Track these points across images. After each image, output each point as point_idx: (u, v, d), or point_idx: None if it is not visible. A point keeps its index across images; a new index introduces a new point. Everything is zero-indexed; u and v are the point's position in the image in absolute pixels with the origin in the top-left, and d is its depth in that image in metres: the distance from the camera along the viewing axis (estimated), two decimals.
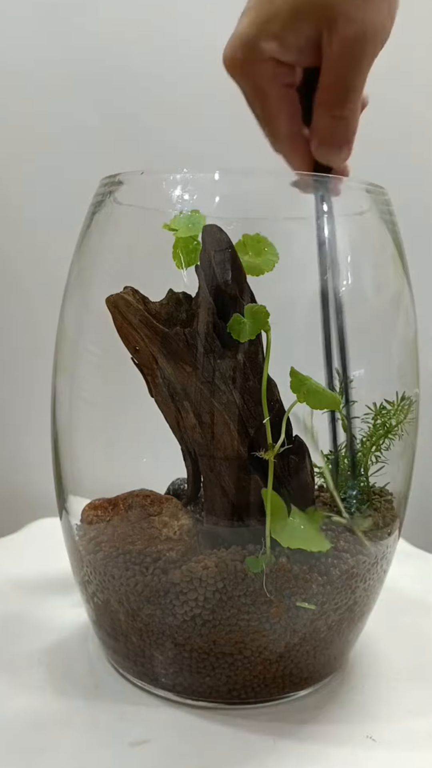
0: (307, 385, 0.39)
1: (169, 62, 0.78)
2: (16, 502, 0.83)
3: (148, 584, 0.40)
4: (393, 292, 0.46)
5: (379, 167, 0.45)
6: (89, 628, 0.49)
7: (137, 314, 0.40)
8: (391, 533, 0.45)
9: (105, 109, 0.78)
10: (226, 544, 0.40)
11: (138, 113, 0.79)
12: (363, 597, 0.43)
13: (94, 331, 0.45)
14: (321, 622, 0.41)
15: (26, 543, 0.70)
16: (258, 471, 0.40)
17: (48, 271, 0.77)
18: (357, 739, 0.39)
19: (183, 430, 0.41)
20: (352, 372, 0.43)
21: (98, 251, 0.44)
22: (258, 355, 0.40)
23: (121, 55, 0.78)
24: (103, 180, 0.44)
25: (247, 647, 0.40)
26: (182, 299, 0.41)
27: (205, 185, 0.42)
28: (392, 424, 0.44)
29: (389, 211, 0.45)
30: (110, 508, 0.43)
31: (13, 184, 0.79)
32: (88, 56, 0.77)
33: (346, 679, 0.46)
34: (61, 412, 0.46)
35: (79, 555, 0.44)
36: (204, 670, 0.41)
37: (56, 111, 0.78)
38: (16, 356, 0.82)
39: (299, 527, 0.39)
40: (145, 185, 0.44)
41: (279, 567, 0.39)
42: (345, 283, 0.43)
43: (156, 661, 0.42)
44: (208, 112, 0.75)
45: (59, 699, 0.42)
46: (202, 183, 0.42)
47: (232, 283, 0.39)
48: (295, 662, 0.42)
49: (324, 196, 0.42)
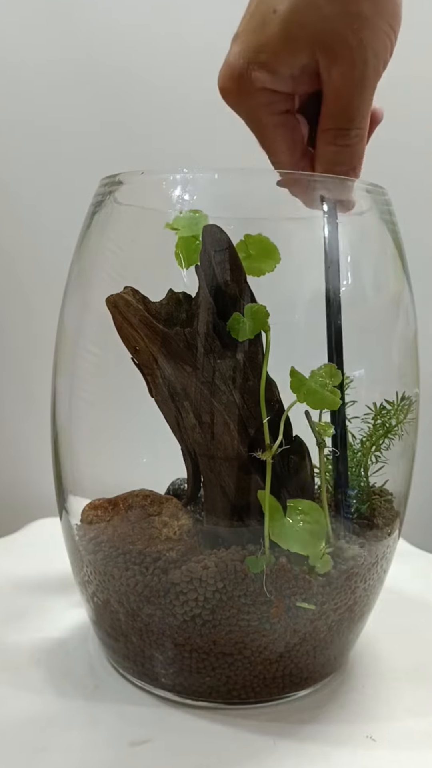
0: (307, 385, 0.39)
1: (169, 62, 0.78)
2: (16, 502, 0.83)
3: (148, 584, 0.40)
4: (393, 292, 0.46)
5: (380, 167, 0.45)
6: (89, 628, 0.49)
7: (137, 314, 0.40)
8: (391, 533, 0.45)
9: (105, 109, 0.78)
10: (226, 544, 0.40)
11: (138, 113, 0.79)
12: (363, 597, 0.43)
13: (94, 331, 0.45)
14: (321, 622, 0.41)
15: (26, 543, 0.70)
16: (258, 471, 0.40)
17: (48, 271, 0.77)
18: (357, 739, 0.39)
19: (183, 430, 0.41)
20: (353, 372, 0.43)
21: (98, 251, 0.44)
22: (258, 355, 0.40)
23: (121, 56, 0.78)
24: (103, 180, 0.44)
25: (247, 647, 0.40)
26: (182, 299, 0.41)
27: (204, 185, 0.42)
28: (392, 424, 0.44)
29: (389, 211, 0.45)
30: (110, 508, 0.43)
31: (14, 184, 0.79)
32: (88, 56, 0.77)
33: (346, 679, 0.46)
34: (61, 412, 0.46)
35: (79, 555, 0.44)
36: (204, 670, 0.41)
37: (56, 111, 0.78)
38: (16, 356, 0.82)
39: (296, 529, 0.39)
40: (145, 185, 0.44)
41: (279, 567, 0.39)
42: (345, 283, 0.43)
43: (156, 661, 0.42)
44: (209, 111, 0.75)
45: (59, 699, 0.42)
46: (202, 183, 0.42)
47: (232, 283, 0.39)
48: (295, 662, 0.42)
49: (323, 196, 0.42)
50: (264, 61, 0.37)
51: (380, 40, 0.37)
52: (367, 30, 0.36)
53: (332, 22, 0.36)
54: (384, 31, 0.37)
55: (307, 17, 0.36)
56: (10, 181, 0.79)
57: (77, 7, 0.77)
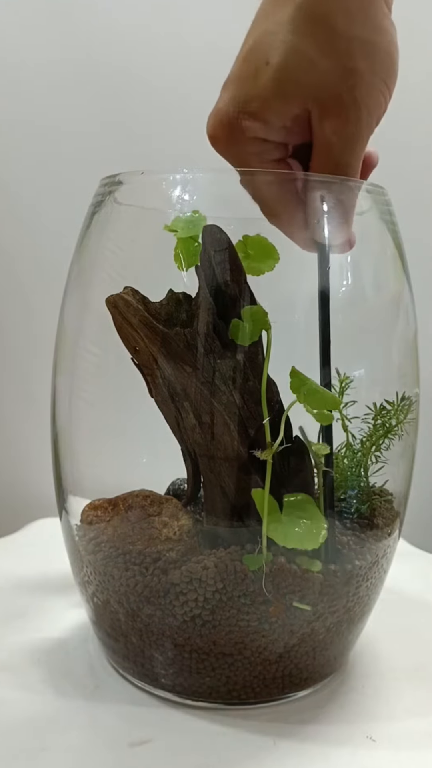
0: (307, 385, 0.39)
1: (169, 62, 0.78)
2: (16, 502, 0.83)
3: (148, 584, 0.40)
4: (393, 292, 0.46)
5: (380, 167, 0.45)
6: (89, 628, 0.49)
7: (137, 314, 0.40)
8: (391, 533, 0.45)
9: (105, 109, 0.78)
10: (226, 545, 0.40)
11: (138, 113, 0.79)
12: (363, 597, 0.43)
13: (94, 331, 0.45)
14: (320, 622, 0.41)
15: (26, 543, 0.70)
16: (258, 471, 0.40)
17: (48, 271, 0.77)
18: (357, 739, 0.39)
19: (183, 430, 0.41)
20: (353, 372, 0.43)
21: (98, 251, 0.44)
22: (258, 356, 0.40)
23: (121, 56, 0.78)
24: (103, 180, 0.44)
25: (247, 647, 0.40)
26: (182, 299, 0.41)
27: (204, 185, 0.42)
28: (392, 424, 0.44)
29: (389, 211, 0.45)
30: (110, 508, 0.43)
31: (14, 184, 0.79)
32: (88, 56, 0.77)
33: (346, 679, 0.46)
34: (61, 412, 0.46)
35: (79, 555, 0.44)
36: (204, 671, 0.41)
37: (56, 111, 0.78)
38: (16, 356, 0.82)
39: (294, 526, 0.39)
40: (144, 185, 0.44)
41: (278, 566, 0.39)
42: (345, 283, 0.43)
43: (156, 661, 0.42)
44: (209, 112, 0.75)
45: (59, 699, 0.42)
46: (202, 183, 0.42)
47: (232, 283, 0.39)
48: (294, 663, 0.42)
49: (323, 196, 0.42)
50: (255, 111, 0.36)
51: (374, 97, 0.36)
52: (362, 87, 0.35)
53: (327, 77, 0.35)
54: (379, 88, 0.36)
55: (301, 72, 0.35)
56: (10, 181, 0.79)
57: (77, 7, 0.77)
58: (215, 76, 0.41)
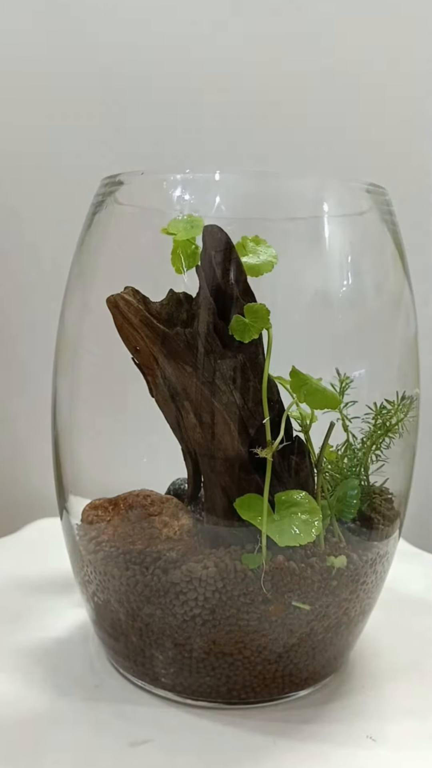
0: (307, 385, 0.39)
1: (169, 62, 0.78)
2: (16, 502, 0.83)
3: (148, 584, 0.40)
4: (393, 292, 0.46)
5: (380, 167, 0.45)
6: (89, 628, 0.49)
7: (138, 314, 0.40)
8: (391, 533, 0.45)
9: (105, 109, 0.78)
10: (226, 544, 0.40)
11: (138, 113, 0.79)
12: (363, 597, 0.43)
13: (94, 331, 0.45)
14: (320, 622, 0.41)
15: (26, 543, 0.70)
16: (258, 471, 0.40)
17: (48, 271, 0.77)
18: (357, 739, 0.39)
19: (183, 430, 0.41)
20: (353, 372, 0.43)
21: (99, 251, 0.44)
22: (258, 355, 0.40)
23: (121, 55, 0.78)
24: (103, 180, 0.44)
25: (247, 647, 0.40)
26: (183, 299, 0.41)
27: (205, 185, 0.42)
28: (392, 423, 0.44)
29: (390, 211, 0.45)
30: (110, 508, 0.43)
31: (13, 184, 0.79)
32: (89, 56, 0.77)
33: (346, 679, 0.46)
34: (61, 412, 0.46)
35: (79, 555, 0.44)
36: (204, 670, 0.41)
37: (57, 111, 0.78)
38: (16, 356, 0.82)
39: (290, 525, 0.39)
40: (145, 185, 0.44)
41: (277, 565, 0.39)
42: (345, 283, 0.43)
43: (156, 660, 0.42)
44: (209, 111, 0.75)
45: (59, 699, 0.42)
46: (203, 183, 0.42)
47: (232, 283, 0.39)
48: (294, 662, 0.42)
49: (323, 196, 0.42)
50: None
51: None
52: None
53: None
54: None
55: None
56: (10, 180, 0.79)
57: (77, 7, 0.77)
58: (216, 75, 0.41)
